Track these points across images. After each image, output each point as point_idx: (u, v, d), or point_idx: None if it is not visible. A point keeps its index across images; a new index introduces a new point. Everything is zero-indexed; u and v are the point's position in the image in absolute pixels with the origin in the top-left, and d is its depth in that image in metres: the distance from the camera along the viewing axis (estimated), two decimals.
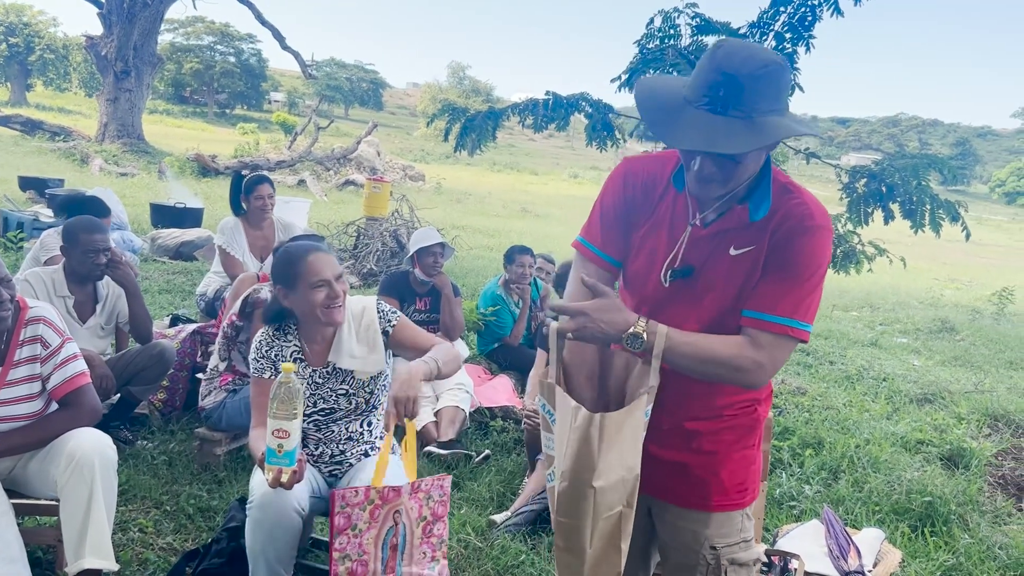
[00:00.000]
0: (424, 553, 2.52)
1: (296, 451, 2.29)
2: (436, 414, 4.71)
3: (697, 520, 1.99)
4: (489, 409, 5.13)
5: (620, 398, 1.91)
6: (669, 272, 1.89)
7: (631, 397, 1.87)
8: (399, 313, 2.98)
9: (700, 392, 1.91)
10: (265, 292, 4.13)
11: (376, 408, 2.96)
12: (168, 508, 3.58)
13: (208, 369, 4.26)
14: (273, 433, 2.25)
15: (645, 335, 1.74)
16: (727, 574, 1.99)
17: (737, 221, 1.83)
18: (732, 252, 1.83)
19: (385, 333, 2.90)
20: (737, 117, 1.64)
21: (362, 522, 2.40)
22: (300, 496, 2.61)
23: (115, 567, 2.67)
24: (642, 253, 1.94)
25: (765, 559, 3.06)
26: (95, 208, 4.92)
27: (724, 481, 1.96)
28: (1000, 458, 5.41)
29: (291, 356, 2.88)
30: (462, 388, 4.89)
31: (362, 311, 2.93)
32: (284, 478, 2.28)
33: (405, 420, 2.46)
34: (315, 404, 2.88)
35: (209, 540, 3.13)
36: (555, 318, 1.86)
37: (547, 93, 5.50)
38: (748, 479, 2.00)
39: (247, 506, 2.68)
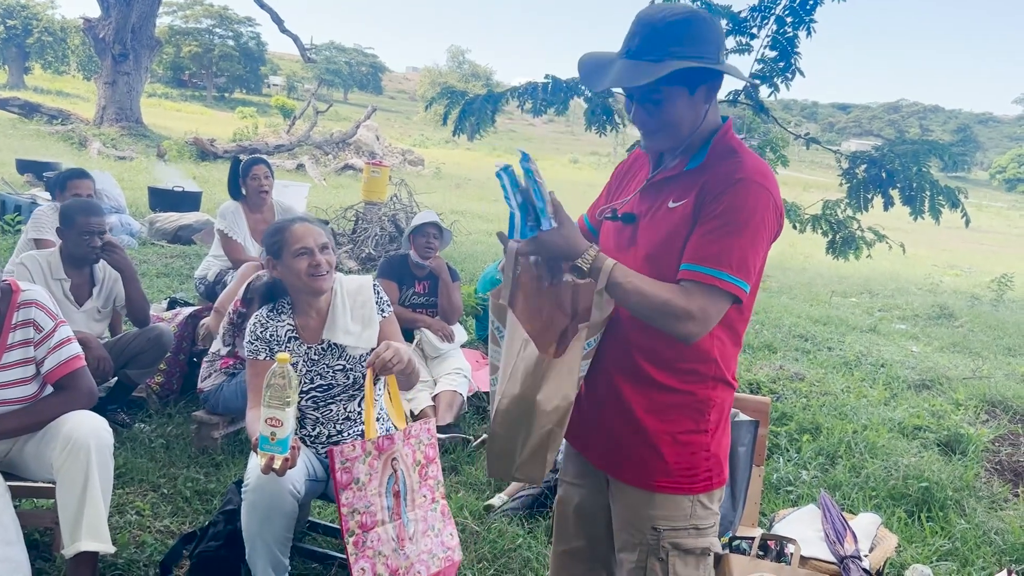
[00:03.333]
0: (424, 496, 2.56)
1: (289, 439, 2.30)
2: (434, 398, 4.71)
3: (641, 499, 1.97)
4: (487, 393, 5.12)
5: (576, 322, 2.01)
6: (613, 211, 2.04)
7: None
8: (391, 308, 3.05)
9: (635, 360, 1.92)
10: (266, 278, 4.13)
11: (361, 390, 2.97)
12: (165, 491, 3.58)
13: (210, 352, 4.25)
14: (267, 421, 2.26)
15: (588, 268, 1.82)
16: (669, 558, 1.95)
17: (676, 170, 1.92)
18: (670, 205, 1.89)
19: (380, 314, 2.94)
20: (649, 60, 1.78)
21: (363, 475, 2.43)
22: (296, 479, 2.61)
23: (112, 549, 2.67)
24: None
25: (761, 543, 3.07)
26: (78, 172, 5.03)
27: (669, 463, 1.92)
28: (997, 444, 5.42)
29: (286, 335, 2.89)
30: (460, 373, 4.89)
31: (358, 289, 2.98)
32: (276, 464, 2.30)
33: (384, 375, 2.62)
34: (312, 381, 2.90)
35: (206, 523, 3.13)
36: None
37: (547, 77, 5.48)
38: (699, 465, 1.94)
39: (242, 489, 2.68)
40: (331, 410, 2.93)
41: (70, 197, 4.84)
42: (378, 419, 2.98)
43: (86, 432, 2.63)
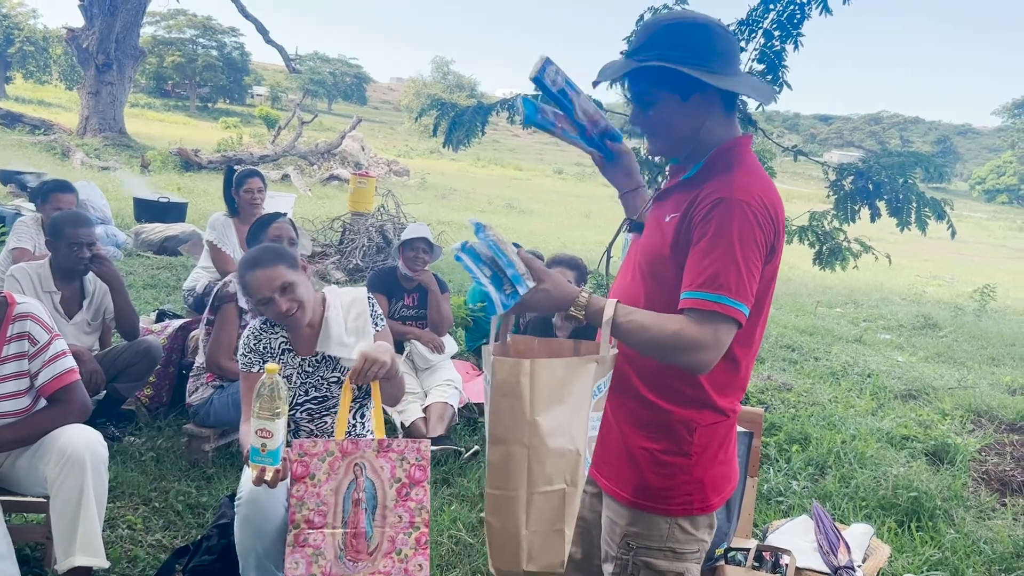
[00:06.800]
0: (400, 517, 2.46)
1: (280, 450, 2.28)
2: (425, 410, 4.69)
3: (619, 512, 1.94)
4: (478, 405, 5.12)
5: None
6: (628, 223, 2.04)
7: None
8: (384, 321, 3.03)
9: (624, 371, 1.89)
10: (234, 286, 4.12)
11: (369, 398, 2.97)
12: (157, 505, 3.56)
13: (194, 366, 4.23)
14: (257, 432, 2.25)
15: (584, 315, 1.76)
16: (639, 575, 1.91)
17: (674, 181, 1.94)
18: (666, 220, 1.87)
19: (373, 327, 2.93)
20: (640, 59, 1.80)
21: (321, 472, 2.41)
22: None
23: (106, 564, 2.66)
24: None
25: (756, 554, 3.08)
26: (61, 185, 5.03)
27: (647, 480, 1.88)
28: (984, 453, 5.47)
29: (279, 347, 2.89)
30: (451, 384, 4.88)
31: (351, 301, 2.98)
32: (268, 476, 2.28)
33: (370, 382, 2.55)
34: (307, 393, 2.89)
35: (199, 537, 3.11)
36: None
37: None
38: (677, 488, 1.88)
39: (235, 502, 2.67)
40: (326, 422, 2.92)
41: (51, 210, 4.84)
42: (371, 433, 2.98)
43: (81, 446, 2.62)
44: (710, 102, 1.85)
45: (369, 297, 3.01)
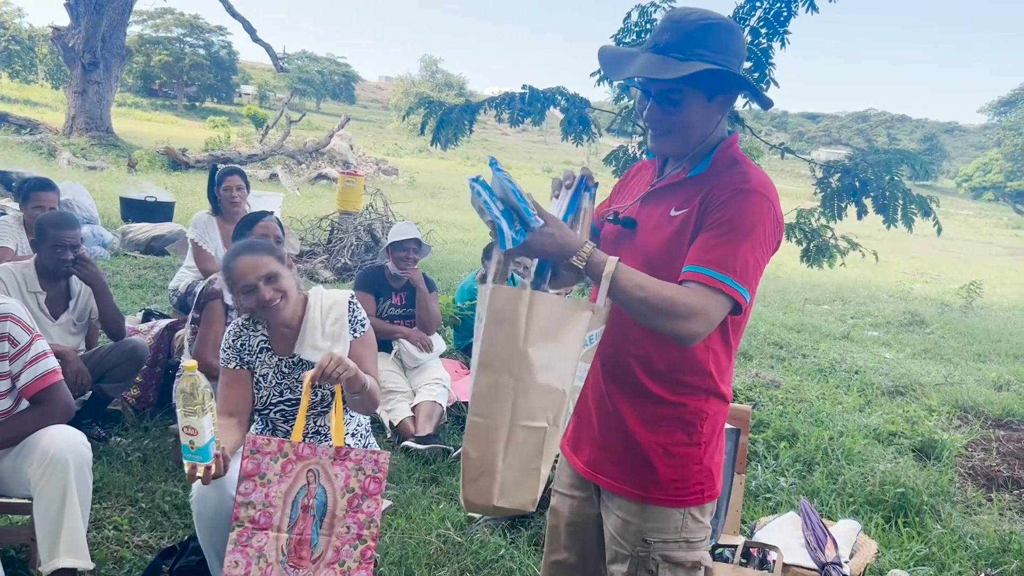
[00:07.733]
0: (348, 528, 2.42)
1: (210, 447, 2.27)
2: (413, 409, 4.69)
3: (631, 511, 1.95)
4: (467, 403, 5.10)
5: None
6: (615, 214, 2.01)
7: None
8: (367, 326, 2.99)
9: (629, 369, 1.91)
10: (219, 283, 4.11)
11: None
12: (143, 505, 3.54)
13: (180, 365, 4.21)
14: (184, 430, 2.24)
15: (584, 265, 1.74)
16: (659, 570, 1.92)
17: (678, 177, 1.93)
18: (672, 213, 1.88)
19: (351, 333, 2.91)
20: (675, 57, 1.78)
21: (272, 473, 2.39)
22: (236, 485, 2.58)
23: (90, 566, 2.64)
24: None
25: (744, 551, 3.08)
26: (42, 184, 4.96)
27: (660, 475, 1.90)
28: (970, 449, 5.50)
29: (258, 346, 2.88)
30: (439, 383, 4.87)
31: (331, 305, 2.94)
32: (199, 473, 2.27)
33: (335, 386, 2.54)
34: (282, 394, 2.88)
35: (185, 537, 3.10)
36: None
37: (524, 87, 5.50)
38: (690, 478, 1.92)
39: (189, 499, 2.66)
40: None
41: (32, 209, 4.80)
42: (354, 434, 2.96)
43: (64, 447, 2.60)
44: (728, 103, 1.89)
45: (351, 302, 2.96)
